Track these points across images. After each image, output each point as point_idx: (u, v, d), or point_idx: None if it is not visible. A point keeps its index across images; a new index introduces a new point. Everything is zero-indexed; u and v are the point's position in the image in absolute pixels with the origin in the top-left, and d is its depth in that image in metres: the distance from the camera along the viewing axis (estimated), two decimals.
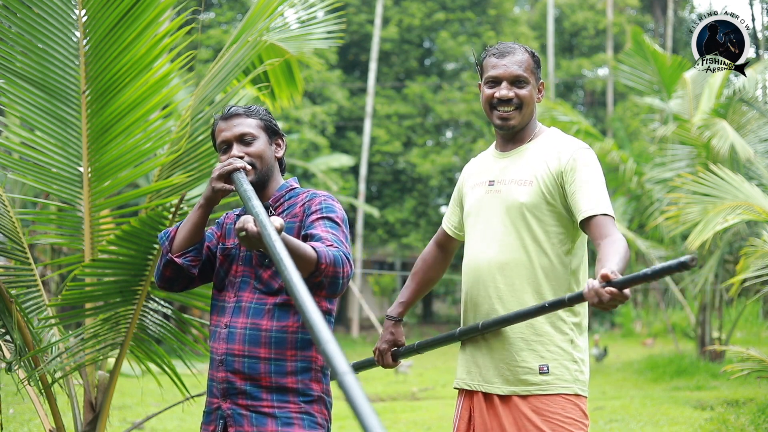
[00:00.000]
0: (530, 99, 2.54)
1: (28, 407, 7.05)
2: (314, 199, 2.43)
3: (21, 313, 3.19)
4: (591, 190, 2.41)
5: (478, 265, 2.56)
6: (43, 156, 3.52)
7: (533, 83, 2.55)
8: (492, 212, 2.55)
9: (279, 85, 4.36)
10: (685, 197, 6.47)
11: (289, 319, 2.38)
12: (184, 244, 2.46)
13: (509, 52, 2.54)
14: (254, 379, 2.35)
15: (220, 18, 19.85)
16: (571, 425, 2.41)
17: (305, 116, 18.38)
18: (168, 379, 3.62)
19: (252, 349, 2.36)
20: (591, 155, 2.49)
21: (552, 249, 2.48)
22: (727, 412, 7.02)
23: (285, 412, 2.35)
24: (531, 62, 2.55)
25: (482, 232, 2.57)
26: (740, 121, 9.72)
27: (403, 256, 24.45)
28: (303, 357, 2.39)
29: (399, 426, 7.34)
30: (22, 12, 3.37)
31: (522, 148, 2.58)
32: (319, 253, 2.15)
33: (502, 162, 2.60)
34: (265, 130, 2.51)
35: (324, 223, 2.35)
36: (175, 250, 2.46)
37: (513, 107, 2.52)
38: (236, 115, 2.49)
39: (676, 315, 16.59)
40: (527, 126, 2.59)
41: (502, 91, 2.52)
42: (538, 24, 26.34)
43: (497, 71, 2.53)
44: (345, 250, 2.27)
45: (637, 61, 11.25)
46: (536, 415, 2.41)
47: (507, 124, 2.54)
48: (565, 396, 2.43)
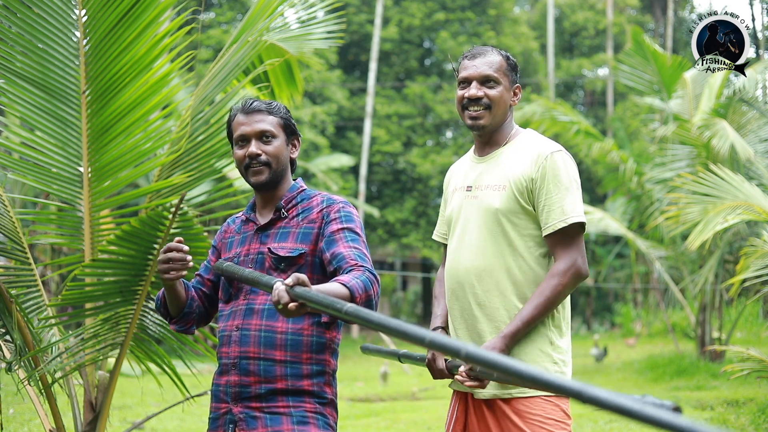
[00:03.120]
0: (500, 99, 2.55)
1: (28, 407, 7.05)
2: (332, 206, 2.41)
3: (21, 313, 3.19)
4: (557, 202, 2.44)
5: (457, 271, 2.57)
6: (43, 156, 3.52)
7: (505, 85, 2.56)
8: (469, 218, 2.58)
9: (279, 85, 4.36)
10: (685, 197, 6.47)
11: (304, 322, 2.35)
12: (174, 311, 2.53)
13: (481, 53, 2.58)
14: (270, 381, 2.32)
15: (220, 18, 19.84)
16: (553, 426, 2.43)
17: (305, 116, 18.37)
18: (168, 379, 3.62)
19: (268, 351, 2.33)
20: (561, 159, 2.49)
21: (529, 253, 2.50)
22: (727, 412, 7.02)
23: (300, 411, 2.33)
24: (504, 64, 2.57)
25: (460, 237, 2.59)
26: (740, 121, 9.72)
27: (403, 256, 24.46)
28: (318, 360, 2.37)
29: (399, 426, 7.34)
30: (22, 12, 3.37)
31: (498, 152, 2.60)
32: (351, 290, 2.12)
33: (479, 167, 2.63)
34: (285, 130, 2.47)
35: (345, 236, 2.34)
36: (171, 317, 2.55)
37: (482, 107, 2.54)
38: (258, 110, 2.44)
39: (676, 315, 16.59)
40: (502, 129, 2.60)
41: (471, 90, 2.55)
42: (538, 24, 26.34)
43: (467, 72, 2.57)
44: (369, 266, 2.27)
45: (637, 61, 11.25)
46: (518, 417, 2.44)
47: (477, 123, 2.56)
48: (545, 398, 2.44)
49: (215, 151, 3.52)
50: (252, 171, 2.43)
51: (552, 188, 2.45)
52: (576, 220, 2.44)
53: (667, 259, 12.12)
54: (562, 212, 2.44)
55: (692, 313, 11.77)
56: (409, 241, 20.87)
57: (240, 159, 2.45)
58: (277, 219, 2.45)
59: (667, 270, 12.62)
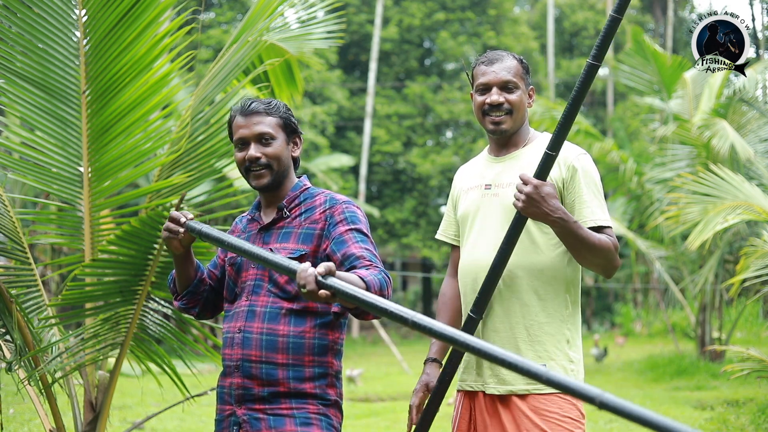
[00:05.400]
0: (520, 103, 2.60)
1: (29, 407, 7.06)
2: (336, 207, 2.40)
3: (21, 313, 3.19)
4: (589, 201, 2.52)
5: (477, 267, 2.58)
6: (44, 156, 3.52)
7: (523, 88, 2.61)
8: (489, 215, 2.59)
9: (279, 85, 4.37)
10: (685, 197, 6.47)
11: (306, 324, 2.35)
12: (181, 288, 2.57)
13: (498, 59, 2.61)
14: (272, 384, 2.32)
15: (220, 18, 19.83)
16: (570, 424, 2.45)
17: (305, 116, 18.37)
18: (168, 379, 3.62)
19: (269, 354, 2.32)
20: (589, 161, 2.58)
21: (549, 250, 2.53)
22: (727, 412, 7.02)
23: (303, 413, 2.32)
24: (520, 68, 2.62)
25: (479, 234, 2.61)
26: (740, 121, 9.72)
27: (404, 256, 24.46)
28: (320, 363, 2.36)
29: (399, 426, 7.34)
30: (22, 12, 3.37)
31: (517, 153, 2.64)
32: (368, 284, 2.13)
33: (498, 166, 2.65)
34: (284, 129, 2.45)
35: (355, 237, 2.34)
36: (179, 292, 2.58)
37: (504, 112, 2.58)
38: (256, 112, 2.42)
39: (676, 315, 16.60)
40: (520, 131, 2.65)
41: (492, 96, 2.58)
42: (538, 24, 26.35)
43: (487, 78, 2.59)
44: (381, 266, 2.28)
45: (637, 61, 11.26)
46: (535, 414, 2.44)
47: (499, 128, 2.59)
48: (562, 396, 2.45)
49: (215, 151, 3.52)
50: (253, 175, 2.42)
51: (584, 186, 2.52)
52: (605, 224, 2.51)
53: (667, 259, 12.13)
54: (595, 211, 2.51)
55: (692, 313, 11.77)
56: (409, 241, 20.87)
57: (240, 162, 2.44)
58: (279, 219, 2.45)
59: (667, 270, 12.63)
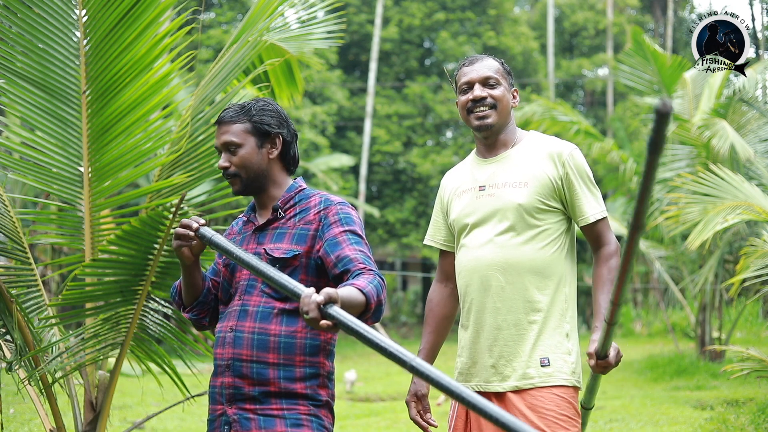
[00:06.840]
0: (503, 98, 2.64)
1: (29, 407, 7.06)
2: (330, 208, 2.40)
3: (21, 313, 3.20)
4: (585, 197, 2.60)
5: (477, 266, 2.60)
6: (44, 156, 3.52)
7: (505, 86, 2.67)
8: (486, 215, 2.62)
9: (279, 85, 4.37)
10: (685, 197, 6.47)
11: (298, 324, 2.35)
12: (188, 300, 2.55)
13: (478, 59, 2.71)
14: (263, 384, 2.32)
15: (221, 18, 19.84)
16: (566, 423, 2.48)
17: (305, 116, 18.36)
18: (168, 378, 3.62)
19: (260, 354, 2.33)
20: (579, 156, 2.64)
21: (547, 246, 2.58)
22: (727, 412, 7.02)
23: (294, 414, 2.32)
24: (501, 68, 2.69)
25: (478, 234, 2.63)
26: (740, 121, 9.72)
27: (404, 256, 24.45)
28: (311, 363, 2.36)
29: (399, 426, 7.34)
30: (23, 12, 3.37)
31: (506, 153, 2.67)
32: (367, 295, 2.13)
33: (490, 167, 2.68)
34: (254, 133, 2.44)
35: (348, 239, 2.34)
36: (185, 305, 2.57)
37: (488, 106, 2.63)
38: (224, 122, 2.45)
39: (676, 315, 16.60)
40: (507, 131, 2.69)
41: (475, 92, 2.64)
42: (538, 24, 26.33)
43: (468, 76, 2.67)
44: (375, 267, 2.28)
45: (637, 61, 11.25)
46: (532, 411, 2.47)
47: (485, 123, 2.63)
48: (564, 388, 2.50)
49: (215, 151, 3.52)
50: (229, 182, 2.48)
51: (581, 183, 2.60)
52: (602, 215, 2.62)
53: (667, 258, 12.13)
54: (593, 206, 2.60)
55: (692, 313, 11.77)
56: (409, 241, 20.87)
57: None
58: (273, 219, 2.46)
59: (667, 270, 12.63)
